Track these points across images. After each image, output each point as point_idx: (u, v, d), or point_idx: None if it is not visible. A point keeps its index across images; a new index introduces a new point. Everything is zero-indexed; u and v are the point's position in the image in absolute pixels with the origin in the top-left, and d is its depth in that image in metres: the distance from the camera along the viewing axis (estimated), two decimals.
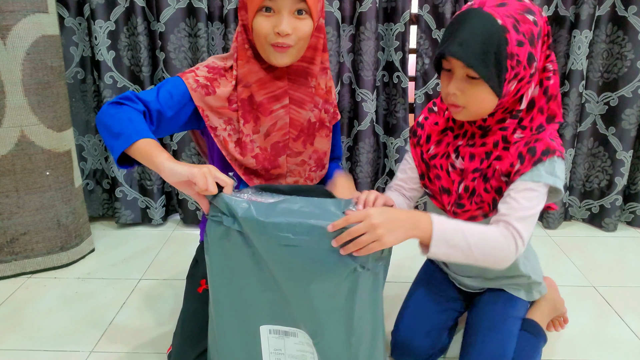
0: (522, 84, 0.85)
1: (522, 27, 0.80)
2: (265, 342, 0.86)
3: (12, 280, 1.52)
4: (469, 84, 0.85)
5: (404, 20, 1.69)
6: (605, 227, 1.86)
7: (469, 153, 0.93)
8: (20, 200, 1.48)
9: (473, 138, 0.94)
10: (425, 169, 1.03)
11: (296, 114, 0.99)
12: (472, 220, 0.95)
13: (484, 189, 0.92)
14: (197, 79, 0.95)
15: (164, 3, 1.64)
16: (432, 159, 1.01)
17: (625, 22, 1.65)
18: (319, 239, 0.75)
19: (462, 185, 0.95)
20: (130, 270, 1.57)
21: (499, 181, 0.90)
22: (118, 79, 1.75)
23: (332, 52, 1.70)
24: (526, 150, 0.87)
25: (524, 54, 0.81)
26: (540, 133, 0.89)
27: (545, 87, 0.88)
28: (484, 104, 0.86)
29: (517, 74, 0.83)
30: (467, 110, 0.88)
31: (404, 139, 1.83)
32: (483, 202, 0.94)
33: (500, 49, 0.80)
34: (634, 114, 1.71)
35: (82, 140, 1.85)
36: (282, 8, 0.87)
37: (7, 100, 1.40)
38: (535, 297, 1.12)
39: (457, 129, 0.98)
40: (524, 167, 0.86)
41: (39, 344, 1.21)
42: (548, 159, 0.86)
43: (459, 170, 0.96)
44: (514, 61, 0.81)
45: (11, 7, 1.34)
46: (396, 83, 1.78)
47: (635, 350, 1.19)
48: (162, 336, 1.24)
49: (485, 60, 0.80)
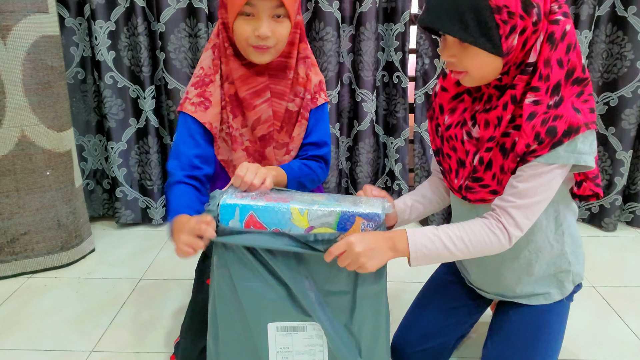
0: (526, 35, 0.74)
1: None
2: (273, 340, 0.86)
3: (12, 280, 1.52)
4: (462, 48, 0.77)
5: (404, 20, 1.69)
6: (605, 227, 1.86)
7: (484, 119, 0.83)
8: (20, 200, 1.49)
9: (490, 101, 0.83)
10: (440, 143, 0.93)
11: (278, 106, 1.02)
12: (484, 202, 0.88)
13: (502, 166, 0.82)
14: (193, 102, 0.99)
15: (164, 3, 1.65)
16: (447, 129, 0.90)
17: (625, 22, 1.65)
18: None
19: (477, 157, 0.85)
20: (130, 270, 1.57)
21: (514, 161, 0.81)
22: (118, 79, 1.75)
23: (332, 52, 1.70)
24: (545, 131, 0.76)
25: (514, 3, 0.72)
26: (562, 104, 0.77)
27: (550, 32, 0.75)
28: (485, 67, 0.78)
29: (515, 27, 0.73)
30: (471, 76, 0.80)
31: (404, 139, 1.83)
32: (501, 185, 0.84)
33: (479, 5, 0.72)
34: (633, 114, 1.71)
35: (82, 140, 1.85)
36: (261, 12, 0.90)
37: (7, 100, 1.40)
38: (569, 288, 0.98)
39: (474, 91, 0.87)
40: (540, 149, 0.77)
41: (39, 344, 1.22)
42: (569, 139, 0.76)
43: (475, 139, 0.85)
44: (504, 14, 0.72)
45: (11, 7, 1.35)
46: (396, 83, 1.78)
47: (635, 350, 1.19)
48: (162, 336, 1.24)
49: (465, 23, 0.73)
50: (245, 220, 0.82)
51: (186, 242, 0.80)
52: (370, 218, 0.80)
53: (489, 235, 0.82)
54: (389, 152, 1.88)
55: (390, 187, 1.93)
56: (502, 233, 0.81)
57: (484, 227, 0.82)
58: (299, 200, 0.83)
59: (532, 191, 0.80)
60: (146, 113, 1.78)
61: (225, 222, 0.82)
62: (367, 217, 0.80)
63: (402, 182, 1.88)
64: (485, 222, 0.83)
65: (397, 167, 1.87)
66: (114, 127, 1.78)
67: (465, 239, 0.82)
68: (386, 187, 1.96)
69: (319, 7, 1.66)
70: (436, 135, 0.94)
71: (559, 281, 0.97)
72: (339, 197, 0.87)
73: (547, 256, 0.94)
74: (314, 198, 0.85)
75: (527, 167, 0.79)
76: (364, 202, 0.84)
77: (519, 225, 0.81)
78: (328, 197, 0.86)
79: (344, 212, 0.80)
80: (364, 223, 0.80)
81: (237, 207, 0.81)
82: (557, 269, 0.96)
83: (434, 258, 0.82)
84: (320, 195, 0.88)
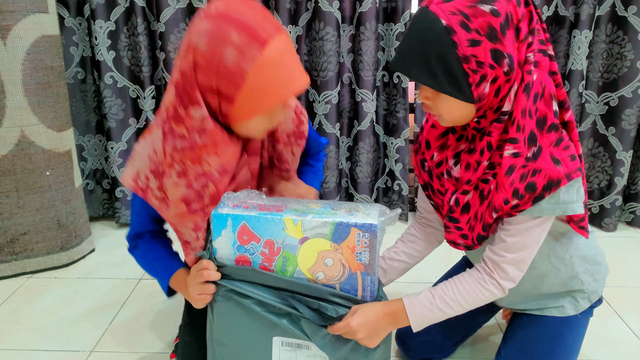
0: (498, 84, 0.72)
1: (475, 23, 0.68)
2: (277, 354, 0.86)
3: (12, 280, 1.52)
4: (435, 92, 0.76)
5: (404, 20, 1.69)
6: (605, 227, 1.86)
7: (466, 161, 0.82)
8: (20, 200, 1.48)
9: (474, 141, 0.81)
10: (428, 178, 0.93)
11: (254, 163, 0.91)
12: (456, 246, 0.91)
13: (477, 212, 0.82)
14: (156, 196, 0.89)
15: (164, 3, 1.64)
16: (438, 166, 0.89)
17: (625, 22, 1.65)
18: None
19: (453, 197, 0.85)
20: (130, 270, 1.57)
21: (490, 214, 0.80)
22: (118, 79, 1.75)
23: (332, 52, 1.70)
24: (524, 187, 0.75)
25: (483, 53, 0.69)
26: (540, 155, 0.76)
27: (526, 83, 0.73)
28: (456, 112, 0.77)
29: (485, 76, 0.71)
30: (444, 119, 0.80)
31: (404, 139, 1.83)
32: (473, 231, 0.85)
33: (446, 54, 0.69)
34: (633, 114, 1.71)
35: (82, 140, 1.85)
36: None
37: (7, 100, 1.40)
38: (585, 305, 0.97)
39: (460, 129, 0.85)
40: (523, 204, 0.77)
41: (39, 344, 1.22)
42: (550, 193, 0.75)
43: (454, 179, 0.85)
44: (473, 63, 0.69)
45: (11, 7, 1.34)
46: (396, 83, 1.78)
47: (635, 350, 1.19)
48: (162, 336, 1.24)
49: (431, 70, 0.71)
50: (237, 231, 0.81)
51: (199, 292, 0.82)
52: (366, 229, 0.77)
53: (482, 292, 0.84)
54: (389, 152, 1.88)
55: (391, 187, 1.93)
56: (495, 287, 0.84)
57: (477, 284, 0.84)
58: (293, 210, 0.81)
59: (522, 244, 0.81)
60: (146, 113, 1.78)
61: (217, 232, 0.81)
62: (363, 227, 0.77)
63: (402, 182, 1.88)
64: (478, 278, 0.85)
65: (397, 167, 1.87)
66: (114, 127, 1.78)
67: (461, 300, 0.84)
68: (386, 187, 1.96)
69: (319, 7, 1.66)
70: (422, 170, 0.94)
71: (572, 297, 0.97)
72: (336, 204, 0.85)
73: (555, 279, 0.94)
74: (310, 206, 0.83)
75: (514, 220, 0.80)
76: (361, 210, 0.81)
77: (512, 278, 0.83)
78: (324, 205, 0.84)
79: (338, 222, 0.78)
80: (360, 234, 0.78)
81: (229, 217, 0.80)
82: (569, 288, 0.96)
83: (433, 320, 0.86)
84: (317, 202, 0.85)
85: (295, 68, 0.76)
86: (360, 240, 0.78)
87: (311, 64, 1.76)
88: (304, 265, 0.81)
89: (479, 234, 0.85)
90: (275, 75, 0.73)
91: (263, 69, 0.72)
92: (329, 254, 0.80)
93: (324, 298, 0.81)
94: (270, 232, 0.80)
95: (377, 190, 1.97)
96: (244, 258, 0.83)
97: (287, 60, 0.74)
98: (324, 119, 1.78)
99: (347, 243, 0.79)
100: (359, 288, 0.82)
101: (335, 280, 0.82)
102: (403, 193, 1.89)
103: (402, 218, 1.93)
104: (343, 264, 0.80)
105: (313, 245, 0.80)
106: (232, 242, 0.82)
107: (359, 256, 0.79)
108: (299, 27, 1.72)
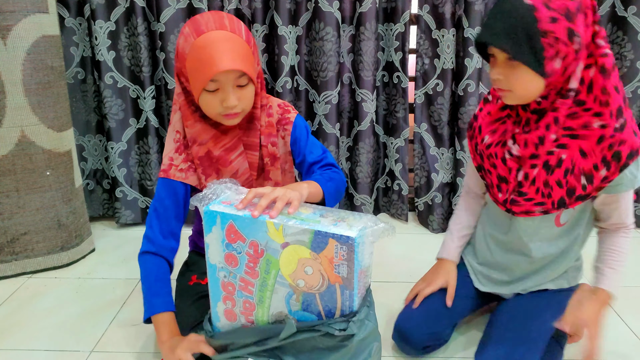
0: (567, 61, 0.84)
1: (554, 4, 0.81)
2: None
3: (12, 280, 1.52)
4: (510, 67, 0.87)
5: (403, 20, 1.69)
6: None
7: (524, 140, 0.93)
8: (20, 200, 1.49)
9: (529, 124, 0.93)
10: (480, 160, 1.05)
11: (252, 157, 1.04)
12: (528, 214, 1.00)
13: (556, 181, 0.93)
14: (181, 168, 1.02)
15: (164, 3, 1.65)
16: (487, 148, 1.01)
17: (625, 22, 1.65)
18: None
19: (521, 173, 0.96)
20: (130, 270, 1.57)
21: (577, 180, 0.92)
22: (118, 79, 1.75)
23: (332, 52, 1.70)
24: (611, 156, 0.88)
25: (560, 30, 0.81)
26: (624, 130, 0.87)
27: (601, 64, 0.85)
28: (528, 86, 0.87)
29: (558, 52, 0.83)
30: (514, 94, 0.90)
31: (404, 139, 1.83)
32: (550, 197, 0.95)
33: (530, 27, 0.81)
34: (634, 114, 1.71)
35: (82, 140, 1.85)
36: (225, 85, 0.92)
37: (7, 100, 1.40)
38: (579, 279, 1.13)
39: (515, 116, 0.97)
40: (611, 174, 0.89)
41: (39, 344, 1.22)
42: (634, 161, 0.88)
43: (516, 157, 0.96)
44: (550, 38, 0.81)
45: (11, 7, 1.35)
46: (396, 83, 1.78)
47: (635, 350, 1.19)
48: None
49: (516, 41, 0.82)
50: (226, 229, 0.81)
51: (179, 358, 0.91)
52: (343, 242, 0.74)
53: (628, 241, 1.03)
54: (389, 152, 1.88)
55: (390, 187, 1.93)
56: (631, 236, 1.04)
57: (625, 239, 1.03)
58: (281, 213, 0.80)
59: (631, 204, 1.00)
60: (146, 113, 1.78)
61: (208, 229, 0.82)
62: (340, 239, 0.74)
63: (402, 182, 1.88)
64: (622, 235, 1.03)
65: (397, 167, 1.87)
66: (114, 127, 1.78)
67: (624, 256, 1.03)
68: (386, 187, 1.96)
69: (319, 7, 1.66)
70: (476, 153, 1.06)
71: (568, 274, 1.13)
72: (328, 211, 0.83)
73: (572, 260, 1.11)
74: (301, 210, 0.82)
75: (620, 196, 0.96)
76: (347, 221, 0.78)
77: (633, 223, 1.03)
78: (315, 210, 0.83)
79: (317, 231, 0.75)
80: (337, 246, 0.74)
81: (218, 215, 0.81)
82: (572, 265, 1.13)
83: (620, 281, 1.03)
84: (309, 207, 0.84)
85: (223, 54, 0.89)
86: (338, 252, 0.75)
87: (311, 64, 1.76)
88: (286, 270, 0.80)
89: (562, 199, 0.95)
90: (202, 56, 0.89)
91: (195, 50, 0.90)
92: (309, 262, 0.78)
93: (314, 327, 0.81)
94: (255, 233, 0.80)
95: (377, 190, 1.97)
96: (232, 256, 0.83)
97: (215, 47, 0.89)
98: (324, 119, 1.78)
99: (325, 253, 0.76)
100: (337, 300, 0.79)
101: (315, 290, 0.80)
102: (403, 193, 1.89)
103: (402, 218, 1.93)
104: (322, 274, 0.78)
105: (294, 251, 0.78)
106: (221, 239, 0.82)
107: (337, 268, 0.76)
108: (299, 27, 1.72)
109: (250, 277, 0.84)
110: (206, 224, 0.82)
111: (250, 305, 0.86)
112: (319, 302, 0.81)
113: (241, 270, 0.84)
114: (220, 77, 0.90)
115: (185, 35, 0.92)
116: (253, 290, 0.84)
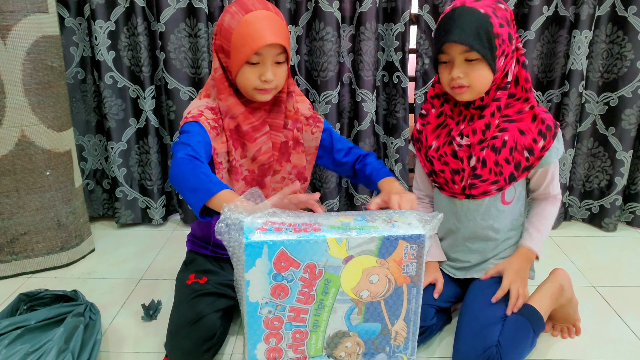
0: (507, 60, 1.03)
1: (499, 13, 1.00)
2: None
3: (12, 280, 1.53)
4: (469, 66, 1.02)
5: (404, 20, 1.69)
6: (605, 227, 1.86)
7: (472, 129, 1.08)
8: (20, 200, 1.49)
9: (472, 119, 1.09)
10: (430, 165, 1.18)
11: (276, 137, 1.12)
12: (486, 195, 1.13)
13: (504, 159, 1.08)
14: (209, 122, 1.04)
15: (164, 3, 1.65)
16: (436, 151, 1.15)
17: (625, 22, 1.65)
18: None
19: (473, 159, 1.10)
20: (130, 270, 1.57)
21: (521, 154, 1.08)
22: (118, 79, 1.75)
23: (332, 52, 1.70)
24: (545, 128, 1.07)
25: (505, 34, 1.00)
26: (539, 107, 1.08)
27: (522, 62, 1.07)
28: (484, 81, 1.03)
29: (504, 51, 1.02)
30: (472, 89, 1.04)
31: (404, 139, 1.83)
32: (502, 174, 1.10)
33: (488, 30, 0.98)
34: (633, 114, 1.71)
35: (82, 140, 1.85)
36: (266, 60, 1.01)
37: (7, 100, 1.40)
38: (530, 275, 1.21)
39: (456, 116, 1.12)
40: (547, 142, 1.07)
41: None
42: (559, 128, 1.08)
43: (465, 147, 1.10)
44: (500, 40, 1.00)
45: (11, 7, 1.35)
46: (396, 83, 1.78)
47: (635, 350, 1.19)
48: (162, 336, 1.24)
49: (481, 41, 0.99)
50: (275, 258, 0.75)
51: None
52: (414, 240, 0.75)
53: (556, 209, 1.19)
54: (389, 152, 1.88)
55: None
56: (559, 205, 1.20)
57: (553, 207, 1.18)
58: (330, 227, 0.76)
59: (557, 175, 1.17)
60: (146, 113, 1.78)
61: (251, 263, 0.75)
62: (410, 239, 0.75)
63: (402, 182, 1.88)
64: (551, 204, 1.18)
65: (397, 167, 1.87)
66: (114, 127, 1.78)
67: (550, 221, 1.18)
68: None
69: (319, 7, 1.66)
70: (426, 161, 1.19)
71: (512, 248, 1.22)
72: (367, 214, 0.82)
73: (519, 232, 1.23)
74: (342, 220, 0.79)
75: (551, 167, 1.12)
76: (400, 220, 0.78)
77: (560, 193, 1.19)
78: (356, 217, 0.81)
79: (385, 237, 0.75)
80: (407, 246, 0.75)
81: (265, 244, 0.74)
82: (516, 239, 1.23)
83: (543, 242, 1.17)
84: (346, 215, 0.82)
85: (267, 30, 0.99)
86: (407, 253, 0.76)
87: (311, 64, 1.76)
88: (347, 285, 0.78)
89: (511, 173, 1.10)
90: (250, 30, 0.98)
91: (242, 26, 0.99)
92: (375, 270, 0.77)
93: None
94: (312, 255, 0.75)
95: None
96: (281, 287, 0.78)
97: (261, 24, 0.98)
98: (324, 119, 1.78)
99: (394, 257, 0.76)
100: (404, 300, 0.80)
101: (380, 297, 0.79)
102: None
103: None
104: (389, 279, 0.78)
105: (358, 263, 0.77)
106: (267, 271, 0.76)
107: (405, 269, 0.77)
108: (299, 27, 1.72)
109: (304, 303, 0.80)
110: (248, 259, 0.75)
111: (302, 335, 0.82)
112: (383, 308, 0.80)
113: (292, 300, 0.79)
114: (264, 50, 0.99)
115: (232, 13, 1.01)
116: (306, 317, 0.81)
